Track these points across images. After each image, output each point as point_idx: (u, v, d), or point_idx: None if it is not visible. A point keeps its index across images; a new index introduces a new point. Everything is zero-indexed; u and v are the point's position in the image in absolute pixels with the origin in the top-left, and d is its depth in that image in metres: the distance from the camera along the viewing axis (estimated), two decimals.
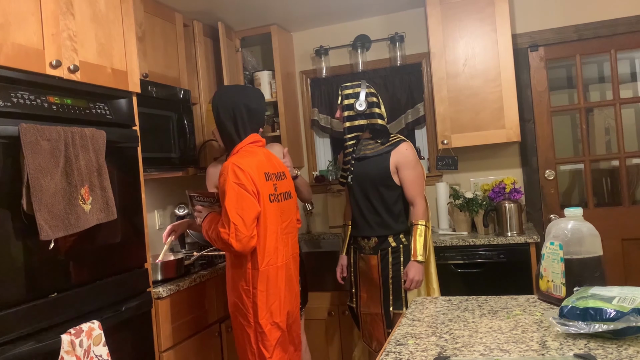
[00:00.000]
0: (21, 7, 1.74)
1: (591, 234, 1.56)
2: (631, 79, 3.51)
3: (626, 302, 1.23)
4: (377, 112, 2.69)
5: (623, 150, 3.30)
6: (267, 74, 3.70)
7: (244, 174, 2.11)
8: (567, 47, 3.36)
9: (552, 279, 1.57)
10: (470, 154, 3.45)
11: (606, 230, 2.12)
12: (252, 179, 2.13)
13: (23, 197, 1.67)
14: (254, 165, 2.17)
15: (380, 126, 2.70)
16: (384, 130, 2.71)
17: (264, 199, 2.16)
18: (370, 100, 2.67)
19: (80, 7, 1.99)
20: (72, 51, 1.93)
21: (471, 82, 3.20)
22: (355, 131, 2.72)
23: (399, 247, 2.66)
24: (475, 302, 1.69)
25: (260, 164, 2.21)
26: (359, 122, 2.68)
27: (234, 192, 2.09)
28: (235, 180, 2.10)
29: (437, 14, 3.25)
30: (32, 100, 1.77)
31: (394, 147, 2.65)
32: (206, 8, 3.23)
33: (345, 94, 2.70)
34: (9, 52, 1.67)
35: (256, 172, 2.16)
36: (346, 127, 2.72)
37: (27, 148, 1.67)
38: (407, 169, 2.64)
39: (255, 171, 2.15)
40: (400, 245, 2.66)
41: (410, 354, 1.27)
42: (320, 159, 3.99)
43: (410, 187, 2.65)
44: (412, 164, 2.65)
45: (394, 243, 2.66)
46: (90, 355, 1.82)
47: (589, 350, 1.17)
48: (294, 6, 3.36)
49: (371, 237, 2.70)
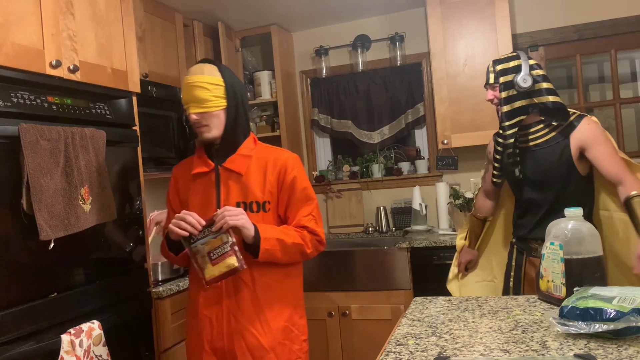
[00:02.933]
0: (21, 7, 1.74)
1: (591, 234, 1.56)
2: (631, 79, 3.51)
3: (626, 302, 1.23)
4: (546, 87, 2.09)
5: (623, 150, 3.30)
6: (267, 74, 3.70)
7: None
8: (567, 47, 3.36)
9: (552, 279, 1.57)
10: (470, 154, 3.45)
11: None
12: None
13: (23, 197, 1.67)
14: None
15: (553, 103, 2.08)
16: (560, 107, 2.09)
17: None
18: (536, 73, 2.09)
19: (80, 7, 1.99)
20: (72, 51, 1.93)
21: (471, 82, 3.20)
22: (519, 115, 2.11)
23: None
24: (476, 302, 1.69)
25: None
26: (520, 102, 2.10)
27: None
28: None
29: (437, 14, 3.25)
30: (32, 100, 1.77)
31: (572, 130, 2.07)
32: (206, 8, 3.23)
33: (500, 70, 2.11)
34: (9, 52, 1.67)
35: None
36: (504, 113, 2.12)
37: (27, 148, 1.67)
38: (597, 145, 2.04)
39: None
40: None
41: (410, 354, 1.27)
42: (320, 159, 3.99)
43: (607, 164, 2.02)
44: (601, 138, 2.06)
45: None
46: (90, 355, 1.81)
47: (589, 351, 1.17)
48: (294, 6, 3.36)
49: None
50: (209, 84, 1.73)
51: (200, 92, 1.73)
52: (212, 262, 1.69)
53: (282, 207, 1.82)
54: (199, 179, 1.83)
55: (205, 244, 1.69)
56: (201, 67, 1.77)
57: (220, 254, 1.69)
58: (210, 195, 1.80)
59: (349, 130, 3.81)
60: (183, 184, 1.87)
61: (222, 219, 1.66)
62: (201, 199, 1.82)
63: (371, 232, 3.65)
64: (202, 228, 1.69)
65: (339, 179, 3.84)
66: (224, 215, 1.66)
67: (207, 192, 1.81)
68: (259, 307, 1.77)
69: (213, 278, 1.69)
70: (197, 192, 1.83)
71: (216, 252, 1.69)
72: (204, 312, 1.80)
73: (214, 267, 1.68)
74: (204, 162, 1.82)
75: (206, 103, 1.74)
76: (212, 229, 1.68)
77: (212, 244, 1.68)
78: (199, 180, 1.83)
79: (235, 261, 1.67)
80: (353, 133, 3.80)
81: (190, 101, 1.75)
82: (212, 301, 1.79)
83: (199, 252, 1.70)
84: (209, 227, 1.69)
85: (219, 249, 1.69)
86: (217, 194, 1.79)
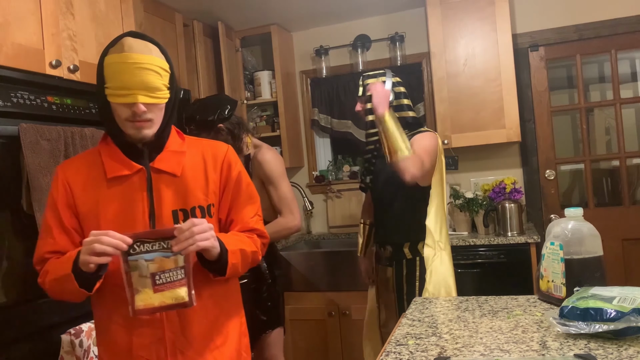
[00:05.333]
0: (21, 7, 1.74)
1: (591, 234, 1.55)
2: (631, 79, 3.51)
3: (626, 302, 1.23)
4: (406, 104, 2.32)
5: (623, 150, 3.30)
6: (267, 74, 3.70)
7: None
8: (567, 47, 3.36)
9: (553, 279, 1.57)
10: (470, 154, 3.45)
11: (606, 230, 2.11)
12: None
13: (23, 197, 1.67)
14: None
15: (412, 119, 2.30)
16: (415, 122, 2.31)
17: None
18: (398, 90, 2.30)
19: (80, 7, 1.99)
20: (72, 51, 1.93)
21: (471, 82, 3.20)
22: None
23: (415, 260, 2.28)
24: (476, 302, 1.69)
25: None
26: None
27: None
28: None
29: (437, 14, 3.25)
30: (32, 100, 1.77)
31: (412, 138, 2.22)
32: (206, 8, 3.23)
33: (368, 84, 2.29)
34: (9, 52, 1.67)
35: None
36: (369, 121, 2.33)
37: (27, 148, 1.67)
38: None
39: None
40: (417, 258, 2.28)
41: (410, 354, 1.27)
42: (320, 159, 3.99)
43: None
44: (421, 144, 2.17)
45: (410, 255, 2.29)
46: (90, 355, 1.81)
47: (589, 351, 1.17)
48: (294, 6, 3.36)
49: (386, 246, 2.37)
50: (160, 68, 1.38)
51: (152, 77, 1.35)
52: (155, 287, 1.28)
53: (224, 209, 1.53)
54: (115, 185, 1.42)
55: (152, 261, 1.28)
56: (146, 45, 1.37)
57: (169, 280, 1.28)
58: (134, 204, 1.42)
59: (349, 130, 3.81)
60: (81, 190, 1.43)
61: (189, 237, 1.28)
62: (119, 209, 1.41)
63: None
64: (132, 243, 1.28)
65: (339, 179, 3.84)
66: (193, 233, 1.28)
67: (128, 201, 1.42)
68: (209, 336, 1.46)
69: (148, 308, 1.29)
70: (112, 200, 1.42)
71: (164, 277, 1.28)
72: (139, 352, 1.40)
73: (155, 295, 1.28)
74: (121, 163, 1.43)
75: (157, 92, 1.37)
76: (166, 245, 1.28)
77: (162, 264, 1.28)
78: (117, 186, 1.42)
79: (186, 294, 1.30)
80: (353, 133, 3.79)
81: (139, 87, 1.34)
82: (151, 338, 1.40)
83: (138, 268, 1.28)
84: (160, 240, 1.29)
85: (169, 274, 1.28)
86: (150, 202, 1.42)
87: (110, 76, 1.37)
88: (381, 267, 2.41)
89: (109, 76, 1.37)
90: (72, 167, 1.47)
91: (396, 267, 2.33)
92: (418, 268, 2.27)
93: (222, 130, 2.42)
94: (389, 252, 2.35)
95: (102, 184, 1.43)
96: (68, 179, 1.44)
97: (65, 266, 1.33)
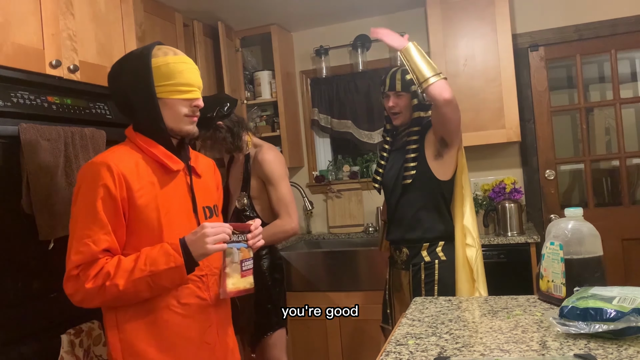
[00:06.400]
0: (21, 7, 1.74)
1: (591, 234, 1.55)
2: (631, 79, 3.51)
3: (626, 302, 1.23)
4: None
5: (623, 150, 3.30)
6: (267, 73, 3.70)
7: None
8: (567, 47, 3.36)
9: (553, 279, 1.57)
10: (470, 154, 3.42)
11: (606, 230, 2.11)
12: None
13: (23, 197, 1.67)
14: None
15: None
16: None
17: None
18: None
19: (80, 7, 1.99)
20: (72, 51, 1.93)
21: (471, 82, 3.20)
22: (417, 124, 2.31)
23: (434, 264, 2.18)
24: (476, 302, 1.69)
25: None
26: (418, 113, 2.30)
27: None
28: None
29: (437, 14, 3.25)
30: (32, 100, 1.77)
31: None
32: (206, 8, 3.23)
33: (410, 79, 2.20)
34: (9, 52, 1.67)
35: None
36: (414, 119, 2.30)
37: (27, 148, 1.67)
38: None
39: None
40: (436, 261, 2.18)
41: (410, 354, 1.27)
42: (320, 159, 3.99)
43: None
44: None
45: (429, 258, 2.19)
46: (90, 355, 1.81)
47: (589, 351, 1.17)
48: (294, 6, 3.36)
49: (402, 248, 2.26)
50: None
51: (200, 78, 1.52)
52: (242, 273, 1.47)
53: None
54: (167, 180, 1.48)
55: (240, 250, 1.46)
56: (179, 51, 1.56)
57: (249, 267, 1.49)
58: (184, 198, 1.51)
59: (349, 130, 3.81)
60: (137, 183, 1.43)
61: (258, 234, 1.50)
62: (173, 202, 1.48)
63: (371, 232, 3.65)
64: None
65: (339, 179, 3.84)
66: (260, 231, 1.52)
67: (179, 195, 1.50)
68: (227, 319, 1.64)
69: (235, 291, 1.47)
70: (167, 194, 1.47)
71: (246, 264, 1.48)
72: (206, 339, 1.50)
73: (241, 280, 1.47)
74: (169, 159, 1.49)
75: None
76: (245, 238, 1.47)
77: (244, 253, 1.48)
78: (169, 181, 1.49)
79: (253, 282, 1.51)
80: (353, 133, 3.80)
81: (198, 85, 1.50)
82: (207, 323, 1.51)
83: (232, 255, 1.46)
84: (240, 233, 1.47)
85: (249, 262, 1.48)
86: (192, 199, 1.52)
87: (170, 74, 1.45)
88: (395, 270, 2.30)
89: (168, 75, 1.45)
90: (122, 161, 1.44)
91: (413, 271, 2.19)
92: (437, 272, 2.16)
93: (221, 128, 2.39)
94: (405, 255, 2.23)
95: (154, 179, 1.46)
96: (123, 171, 1.42)
97: (161, 261, 1.35)
